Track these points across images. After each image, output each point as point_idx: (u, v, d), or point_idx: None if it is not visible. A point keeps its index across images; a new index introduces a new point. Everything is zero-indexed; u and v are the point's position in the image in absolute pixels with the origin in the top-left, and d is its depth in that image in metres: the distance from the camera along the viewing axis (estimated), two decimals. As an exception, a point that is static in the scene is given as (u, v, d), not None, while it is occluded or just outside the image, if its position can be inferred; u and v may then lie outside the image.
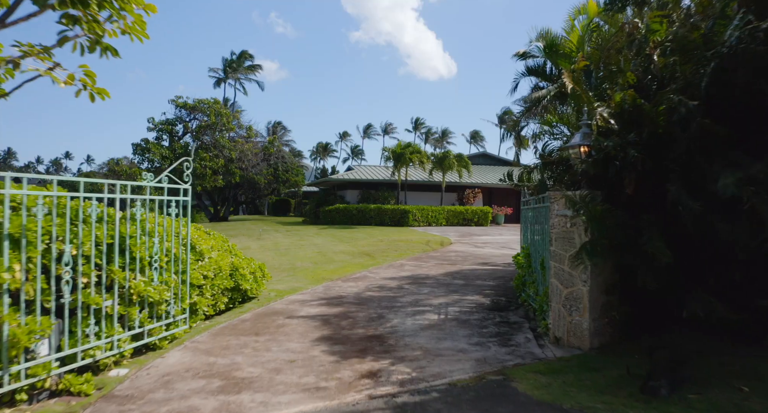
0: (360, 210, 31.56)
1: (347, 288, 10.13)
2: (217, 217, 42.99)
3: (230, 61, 67.53)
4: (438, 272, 12.30)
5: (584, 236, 6.05)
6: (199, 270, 7.01)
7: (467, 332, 6.90)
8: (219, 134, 26.06)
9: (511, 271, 12.57)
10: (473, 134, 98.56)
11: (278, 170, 40.37)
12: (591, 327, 6.15)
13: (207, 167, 24.34)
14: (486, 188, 38.54)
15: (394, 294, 9.50)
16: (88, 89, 4.48)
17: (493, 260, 15.00)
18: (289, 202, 58.91)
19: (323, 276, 11.69)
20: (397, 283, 10.77)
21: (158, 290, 5.85)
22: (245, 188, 40.91)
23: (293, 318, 7.58)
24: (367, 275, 11.85)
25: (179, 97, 25.76)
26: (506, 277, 11.63)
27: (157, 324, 5.91)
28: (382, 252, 16.60)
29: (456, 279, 11.30)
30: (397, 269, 13.01)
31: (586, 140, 6.30)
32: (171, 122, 25.64)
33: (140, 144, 24.39)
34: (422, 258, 15.29)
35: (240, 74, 69.11)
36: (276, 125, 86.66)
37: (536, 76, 10.60)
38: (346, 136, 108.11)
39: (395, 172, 32.86)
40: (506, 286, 10.49)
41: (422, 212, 31.69)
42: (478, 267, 13.30)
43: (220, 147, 25.35)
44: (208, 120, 25.42)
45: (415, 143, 33.09)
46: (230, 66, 67.32)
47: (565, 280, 6.36)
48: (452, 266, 13.42)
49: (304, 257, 15.25)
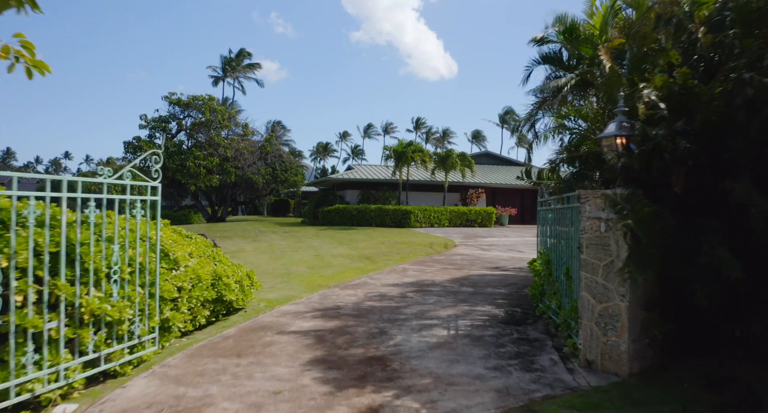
0: (360, 211, 30.64)
1: (345, 297, 9.21)
2: (215, 217, 42.07)
3: (228, 59, 66.61)
4: (444, 279, 11.38)
5: (623, 242, 5.14)
6: (173, 281, 6.07)
7: (482, 352, 5.97)
8: (214, 132, 25.10)
9: (523, 277, 11.66)
10: (475, 134, 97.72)
11: (276, 169, 39.46)
12: (630, 349, 5.22)
13: (201, 166, 23.39)
14: (489, 188, 37.62)
15: (396, 304, 8.57)
16: (23, 63, 3.55)
17: (502, 264, 14.07)
18: (289, 202, 58.02)
19: (320, 283, 10.76)
20: (399, 291, 9.84)
21: (118, 308, 4.92)
22: (243, 188, 39.98)
23: (283, 334, 6.66)
24: (367, 282, 10.93)
25: (173, 94, 24.84)
26: (518, 284, 10.71)
27: (117, 348, 4.98)
28: (383, 255, 15.68)
29: (464, 286, 10.37)
30: (399, 274, 12.09)
31: (624, 130, 5.39)
32: (164, 119, 24.73)
33: (132, 142, 23.49)
34: (426, 262, 14.36)
35: (239, 73, 68.17)
36: (275, 124, 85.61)
37: (552, 64, 9.67)
38: (347, 136, 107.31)
39: (396, 171, 31.94)
40: (520, 295, 9.57)
41: (424, 212, 30.77)
42: (486, 273, 12.38)
43: (215, 145, 24.40)
44: (203, 117, 24.46)
45: (417, 142, 32.17)
46: (229, 64, 66.39)
47: (598, 294, 5.43)
48: (459, 272, 12.50)
49: (300, 261, 14.33)
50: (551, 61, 9.63)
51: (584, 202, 5.61)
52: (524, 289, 10.12)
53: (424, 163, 30.99)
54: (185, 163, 22.98)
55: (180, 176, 23.40)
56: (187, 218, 44.60)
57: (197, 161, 23.28)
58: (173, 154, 23.44)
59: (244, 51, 68.92)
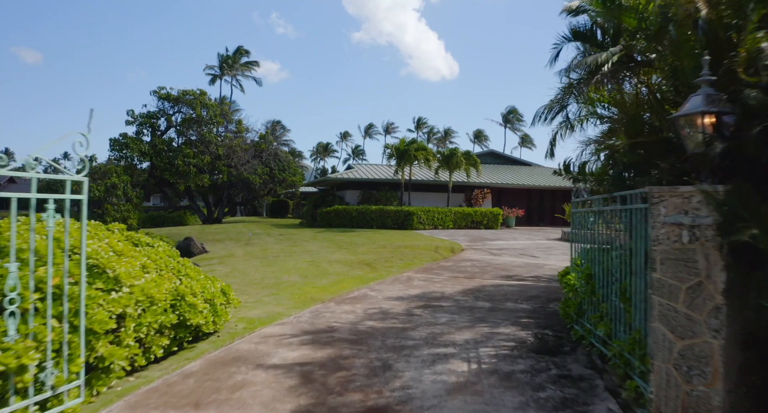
0: (360, 212, 29.23)
1: (341, 315, 7.80)
2: (211, 219, 40.69)
3: (226, 57, 65.28)
4: (455, 290, 9.96)
5: (717, 257, 3.73)
6: (110, 307, 4.64)
7: (517, 398, 4.56)
8: (206, 129, 23.70)
9: (544, 288, 10.26)
10: (477, 134, 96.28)
11: (274, 169, 38.06)
12: (725, 402, 3.81)
13: (191, 164, 21.97)
14: (495, 188, 36.20)
15: (402, 325, 7.16)
16: None
17: (517, 272, 12.65)
18: (288, 203, 56.64)
19: (312, 296, 9.34)
20: (405, 306, 8.43)
21: (15, 351, 3.51)
22: (239, 189, 38.58)
23: (261, 370, 5.25)
24: (367, 295, 9.51)
25: (162, 89, 23.40)
26: (541, 297, 9.29)
27: (17, 406, 3.57)
28: (384, 262, 14.26)
29: (480, 300, 8.96)
30: (404, 284, 10.67)
31: (713, 104, 3.97)
32: (153, 115, 23.30)
33: (118, 139, 22.08)
34: (433, 269, 12.95)
35: (236, 71, 66.85)
36: (275, 124, 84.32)
37: (583, 41, 8.25)
38: (347, 136, 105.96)
39: (398, 171, 30.54)
40: (546, 311, 8.16)
41: (428, 214, 29.35)
42: (502, 283, 10.96)
43: (207, 143, 22.99)
44: (194, 113, 23.05)
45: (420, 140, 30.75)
46: (226, 62, 65.06)
47: (679, 326, 4.02)
48: (470, 281, 11.08)
49: (294, 269, 12.92)
50: (583, 38, 8.19)
51: (656, 202, 4.19)
52: (549, 304, 8.71)
53: (427, 162, 29.59)
54: (174, 161, 21.55)
55: (168, 175, 22.01)
56: (182, 219, 43.23)
57: (187, 159, 21.86)
58: (161, 151, 22.05)
59: (242, 49, 67.62)
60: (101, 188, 19.62)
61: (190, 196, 40.41)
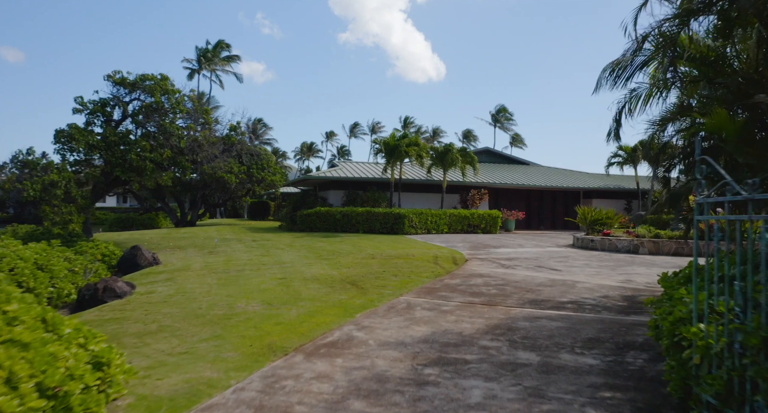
0: (345, 214, 26.23)
1: (311, 386, 4.82)
2: (184, 221, 37.49)
3: (204, 50, 61.90)
4: (477, 328, 7.02)
5: None
6: None
7: None
8: (168, 119, 20.54)
9: (598, 322, 7.36)
10: (466, 133, 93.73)
11: (252, 168, 34.92)
12: None
13: (147, 159, 18.81)
14: (492, 188, 33.35)
15: (410, 409, 4.22)
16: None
17: (546, 293, 9.76)
18: (269, 204, 53.48)
19: (272, 341, 6.35)
20: (410, 363, 5.48)
21: None
22: (213, 189, 35.40)
23: None
24: (352, 338, 6.52)
25: (117, 72, 20.22)
26: (605, 341, 6.38)
27: None
28: (375, 279, 11.29)
29: (519, 348, 6.03)
30: (403, 317, 7.71)
31: None
32: (105, 102, 20.10)
33: (63, 130, 18.86)
34: (437, 291, 10.01)
35: (216, 65, 63.48)
36: (257, 122, 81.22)
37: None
38: (332, 136, 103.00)
39: (388, 168, 27.59)
40: (629, 371, 5.25)
41: (420, 216, 26.43)
42: (537, 312, 8.05)
43: (167, 134, 19.83)
44: (152, 100, 19.89)
45: (414, 134, 27.85)
46: (204, 55, 61.64)
47: None
48: (493, 311, 8.16)
49: (257, 290, 9.91)
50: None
51: None
52: (626, 356, 5.79)
53: (419, 159, 26.70)
54: (127, 155, 18.38)
55: (120, 172, 18.83)
56: (153, 222, 39.98)
57: (143, 153, 18.69)
58: (113, 144, 18.87)
59: (222, 42, 64.38)
60: (36, 186, 16.44)
61: (161, 197, 37.14)
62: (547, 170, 40.86)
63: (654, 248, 18.05)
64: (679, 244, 17.84)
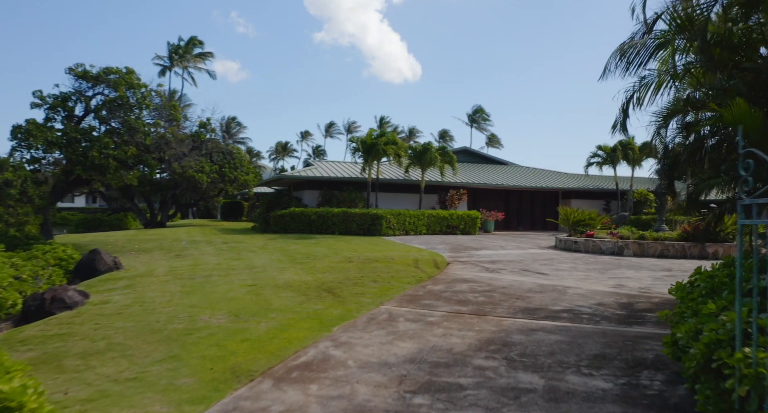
0: (320, 215, 25.37)
1: (280, 423, 4.04)
2: (154, 222, 36.21)
3: (176, 47, 60.31)
4: (468, 343, 6.28)
5: None
6: None
7: None
8: (135, 114, 19.46)
9: (600, 334, 6.70)
10: (442, 134, 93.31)
11: (224, 167, 33.83)
12: None
13: (110, 157, 17.72)
14: (471, 188, 32.77)
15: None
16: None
17: (538, 301, 9.09)
18: (242, 205, 52.27)
19: (236, 363, 5.52)
20: (396, 392, 4.71)
21: None
22: (184, 188, 34.21)
23: None
24: (329, 358, 5.72)
25: (79, 65, 19.09)
26: (613, 357, 5.70)
27: None
28: (353, 285, 10.50)
29: (519, 369, 5.30)
30: (385, 331, 6.94)
31: None
32: (66, 96, 18.95)
33: (21, 126, 17.70)
34: (421, 299, 9.26)
35: (188, 62, 61.94)
36: (230, 120, 79.73)
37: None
38: (308, 135, 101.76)
39: (365, 168, 26.80)
40: (648, 396, 4.55)
41: (398, 217, 25.70)
42: (531, 323, 7.34)
43: (132, 131, 18.76)
44: (117, 95, 18.79)
45: (391, 132, 27.09)
46: (176, 52, 60.06)
47: None
48: (484, 322, 7.43)
49: (223, 299, 9.05)
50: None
51: None
52: (639, 376, 5.12)
53: (397, 158, 25.99)
54: (88, 153, 17.29)
55: (81, 170, 17.72)
56: (122, 223, 38.57)
57: (105, 150, 17.60)
58: (74, 141, 17.75)
59: (195, 39, 62.79)
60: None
61: (130, 197, 35.82)
62: (526, 170, 40.47)
63: (639, 250, 17.58)
64: (664, 246, 17.39)
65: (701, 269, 7.33)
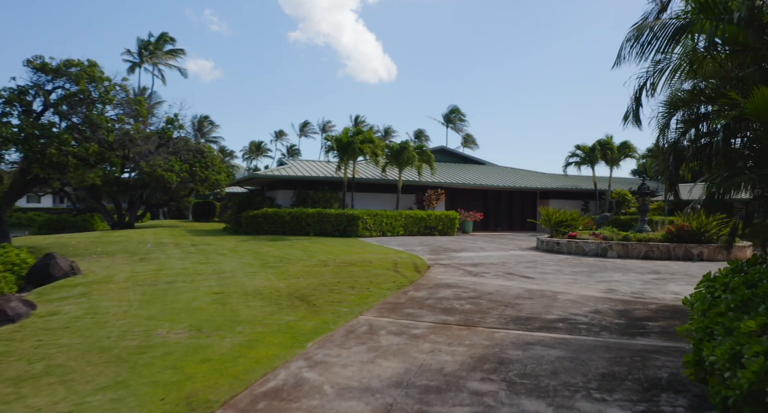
0: (294, 216, 24.51)
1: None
2: (121, 223, 34.90)
3: (146, 43, 58.68)
4: (461, 362, 5.57)
5: None
6: None
7: None
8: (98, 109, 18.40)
9: (602, 347, 6.06)
10: (417, 133, 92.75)
11: (195, 166, 32.73)
12: None
13: (69, 154, 16.66)
14: (449, 188, 32.19)
15: None
16: None
17: (529, 309, 8.44)
18: (214, 205, 51.00)
19: (193, 392, 4.71)
20: (384, 426, 3.98)
21: None
22: (153, 188, 33.04)
23: None
24: (301, 384, 4.95)
25: (38, 57, 17.98)
26: (624, 377, 5.06)
27: None
28: (328, 292, 9.73)
29: (521, 394, 4.61)
30: (366, 347, 6.19)
31: None
32: (23, 90, 17.81)
33: (-28, 121, 16.55)
34: (403, 307, 8.54)
35: (158, 59, 60.32)
36: (203, 119, 78.15)
37: None
38: (282, 135, 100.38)
39: (341, 167, 26.00)
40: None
41: (375, 218, 24.98)
42: (525, 335, 6.67)
43: (94, 127, 17.71)
44: (78, 89, 17.72)
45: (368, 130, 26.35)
46: (146, 48, 58.44)
47: None
48: (474, 335, 6.74)
49: (186, 309, 8.20)
50: None
51: None
52: (657, 395, 4.48)
53: (374, 157, 25.25)
54: (46, 150, 16.22)
55: (38, 168, 16.62)
56: (88, 224, 37.17)
57: (64, 147, 16.52)
58: (31, 138, 16.64)
59: (166, 35, 61.24)
60: None
61: (97, 197, 34.49)
62: (504, 170, 40.04)
63: (623, 252, 17.11)
64: (649, 247, 16.95)
65: (710, 276, 6.74)
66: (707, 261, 16.24)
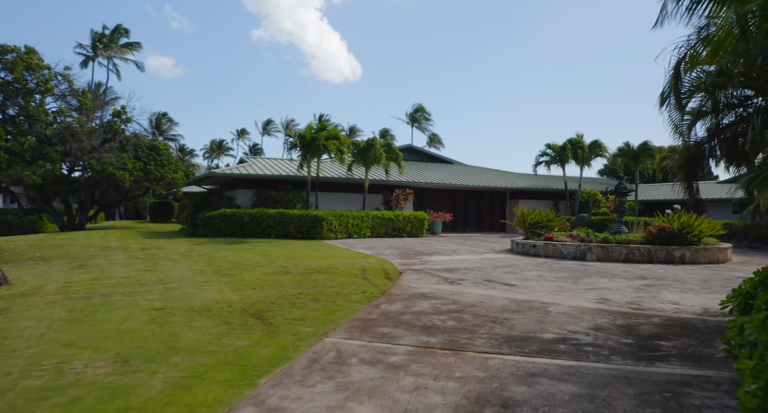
0: (254, 217, 23.07)
1: None
2: (72, 224, 32.79)
3: (100, 36, 56.06)
4: (454, 406, 4.40)
5: None
6: None
7: None
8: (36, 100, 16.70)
9: (621, 378, 4.97)
10: (383, 132, 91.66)
11: (150, 164, 30.92)
12: None
13: (1, 149, 14.97)
14: (417, 188, 31.13)
15: None
16: None
17: (521, 326, 7.35)
18: (173, 205, 48.90)
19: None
20: None
21: None
22: (105, 187, 31.11)
23: None
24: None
25: (-32, 45, 16.22)
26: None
27: None
28: (289, 306, 8.46)
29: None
30: (333, 385, 4.97)
31: None
32: (-50, 79, 16.02)
33: None
34: (376, 325, 7.34)
35: (113, 52, 57.73)
36: (161, 116, 75.50)
37: None
38: (244, 134, 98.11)
39: (304, 165, 24.68)
40: None
41: (340, 219, 23.72)
42: (526, 363, 5.55)
43: (32, 119, 16.01)
44: (12, 77, 16.00)
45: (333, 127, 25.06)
46: (100, 41, 55.83)
47: None
48: (463, 362, 5.59)
49: (117, 331, 6.83)
50: None
51: None
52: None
53: (340, 154, 24.02)
54: (-26, 145, 14.51)
55: (-37, 165, 14.89)
56: (36, 226, 35.01)
57: (-6, 141, 14.83)
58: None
59: (121, 28, 58.69)
60: None
61: (45, 196, 32.34)
62: (472, 169, 39.18)
63: (603, 254, 16.26)
64: (629, 249, 16.14)
65: (742, 290, 5.76)
66: (689, 264, 15.51)
